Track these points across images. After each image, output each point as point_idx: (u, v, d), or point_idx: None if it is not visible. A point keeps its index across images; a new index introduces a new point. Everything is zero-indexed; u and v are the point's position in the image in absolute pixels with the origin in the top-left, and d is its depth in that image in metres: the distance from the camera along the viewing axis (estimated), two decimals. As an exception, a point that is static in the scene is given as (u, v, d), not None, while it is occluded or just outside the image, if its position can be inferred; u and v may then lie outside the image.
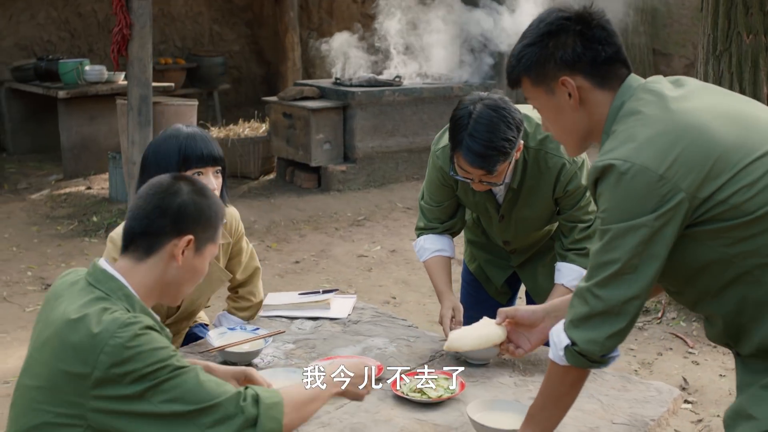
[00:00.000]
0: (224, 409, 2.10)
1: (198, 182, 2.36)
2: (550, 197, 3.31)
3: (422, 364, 3.14)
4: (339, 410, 2.80)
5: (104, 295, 2.16)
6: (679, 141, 2.07)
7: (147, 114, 7.73)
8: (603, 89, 2.22)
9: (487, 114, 3.00)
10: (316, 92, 9.28)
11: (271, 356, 3.22)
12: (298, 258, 7.26)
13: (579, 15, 2.22)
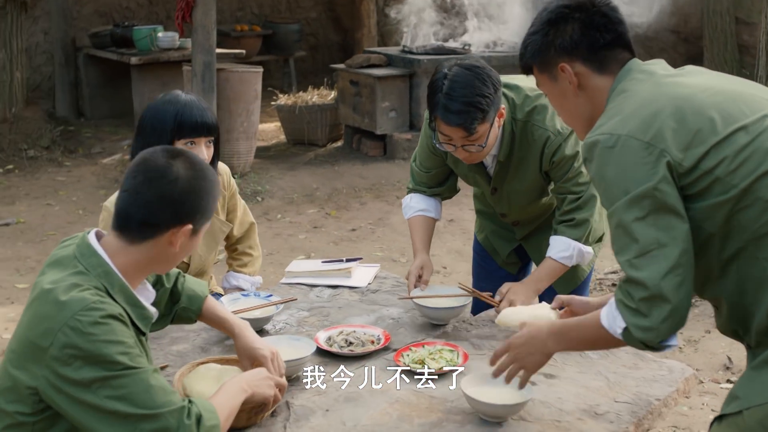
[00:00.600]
0: (165, 421, 2.08)
1: (195, 161, 2.27)
2: (537, 170, 3.25)
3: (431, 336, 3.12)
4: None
5: (83, 270, 2.15)
6: (664, 110, 2.07)
7: (210, 81, 7.81)
8: (603, 74, 2.27)
9: (462, 73, 2.98)
10: (383, 60, 9.24)
11: (284, 323, 3.23)
12: (355, 226, 7.27)
13: (579, 3, 2.27)
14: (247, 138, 8.39)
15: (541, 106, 3.16)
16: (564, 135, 3.17)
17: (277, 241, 6.92)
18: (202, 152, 3.22)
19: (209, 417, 2.17)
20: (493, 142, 3.12)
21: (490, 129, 3.04)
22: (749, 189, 2.02)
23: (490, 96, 2.97)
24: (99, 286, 2.14)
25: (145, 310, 2.23)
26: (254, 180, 8.33)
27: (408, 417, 2.57)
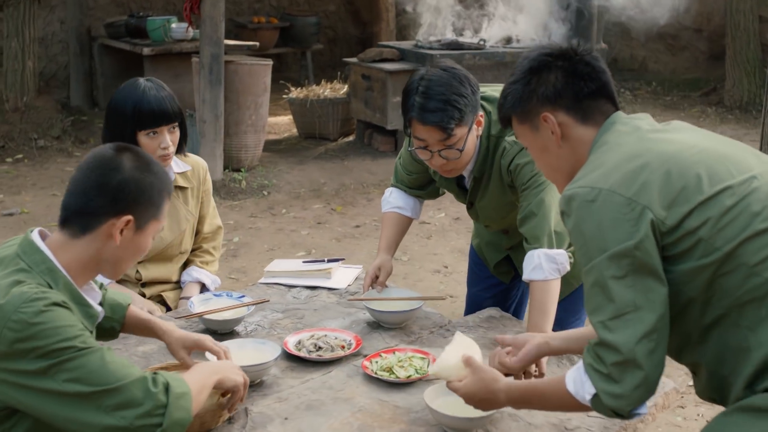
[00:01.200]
0: (129, 393, 2.02)
1: (143, 155, 2.24)
2: (503, 184, 3.11)
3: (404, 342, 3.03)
4: (302, 385, 2.72)
5: (26, 268, 2.09)
6: (648, 165, 1.98)
7: (218, 73, 7.74)
8: (586, 125, 2.18)
9: (438, 73, 2.90)
10: (396, 54, 9.13)
11: (255, 325, 3.15)
12: (360, 222, 7.19)
13: (562, 51, 2.20)
14: (255, 131, 8.31)
15: None
16: (521, 144, 2.93)
17: (279, 236, 6.85)
18: (165, 140, 3.27)
19: (177, 385, 2.10)
20: (471, 151, 2.99)
21: (468, 134, 2.92)
22: (733, 253, 1.92)
23: (467, 96, 2.88)
24: (42, 283, 2.08)
25: (90, 308, 2.17)
26: (261, 174, 8.26)
27: (369, 427, 2.48)
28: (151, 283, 3.54)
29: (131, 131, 3.26)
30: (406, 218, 3.51)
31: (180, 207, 3.53)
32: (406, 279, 5.98)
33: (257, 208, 7.54)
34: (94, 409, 2.01)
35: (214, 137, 7.80)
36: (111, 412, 2.01)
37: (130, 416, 2.02)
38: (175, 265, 3.61)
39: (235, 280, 5.88)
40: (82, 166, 2.19)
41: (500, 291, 3.61)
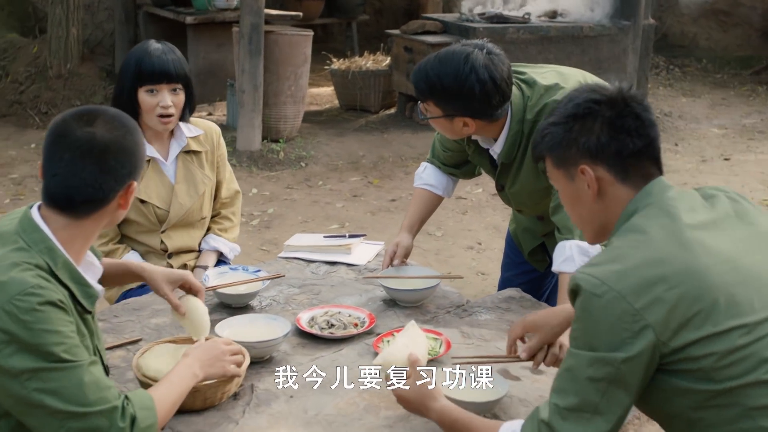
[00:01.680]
0: (95, 422, 1.98)
1: (110, 117, 2.12)
2: (537, 170, 3.00)
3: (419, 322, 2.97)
4: (312, 363, 2.67)
5: (25, 247, 2.04)
6: (666, 280, 1.84)
7: (258, 43, 7.71)
8: (625, 184, 2.02)
9: (456, 54, 2.82)
10: (439, 27, 9.02)
11: (271, 299, 3.12)
12: (396, 196, 7.13)
13: (611, 99, 2.02)
14: (294, 102, 8.27)
15: (553, 102, 2.90)
16: None
17: (313, 208, 6.82)
18: (165, 99, 3.31)
19: (145, 417, 2.07)
20: (443, 131, 3.02)
21: (440, 119, 2.91)
22: (731, 392, 1.83)
23: (449, 93, 2.82)
24: (41, 263, 2.03)
25: (89, 288, 2.12)
26: (300, 145, 8.23)
27: (375, 408, 2.44)
28: (177, 253, 3.52)
29: (131, 86, 3.30)
30: (436, 196, 3.46)
31: (196, 171, 3.51)
32: (438, 255, 5.93)
33: (294, 179, 7.52)
34: (57, 426, 1.97)
35: (252, 107, 7.78)
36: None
37: None
38: (198, 231, 3.59)
39: (266, 251, 5.87)
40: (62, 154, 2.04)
41: (534, 278, 3.54)
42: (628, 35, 9.27)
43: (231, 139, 8.05)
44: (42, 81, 9.19)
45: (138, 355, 2.49)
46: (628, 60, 9.35)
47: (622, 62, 9.32)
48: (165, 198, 3.44)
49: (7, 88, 9.24)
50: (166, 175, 3.47)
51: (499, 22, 8.89)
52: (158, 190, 3.43)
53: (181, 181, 3.47)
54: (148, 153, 3.39)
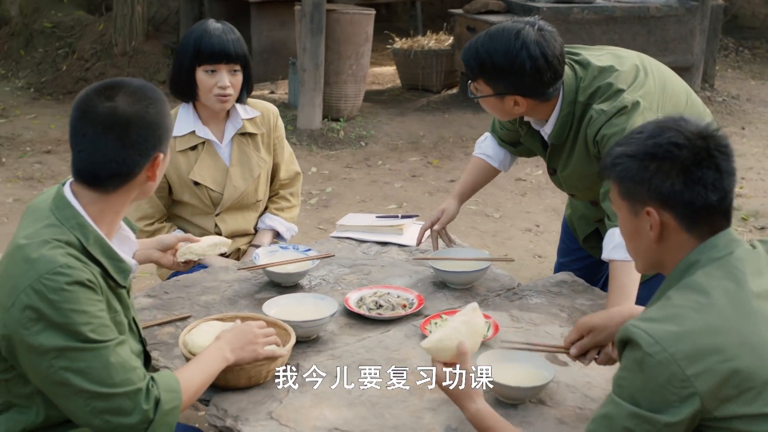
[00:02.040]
0: (120, 402, 2.00)
1: (132, 89, 2.11)
2: (588, 155, 2.92)
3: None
4: (358, 343, 2.68)
5: (56, 223, 2.06)
6: (722, 352, 1.77)
7: (319, 21, 7.70)
8: (691, 233, 1.93)
9: (507, 31, 2.75)
10: (503, 6, 8.93)
11: (320, 279, 3.12)
12: (455, 177, 7.09)
13: (693, 145, 1.89)
14: (355, 81, 8.26)
15: (606, 85, 2.83)
16: (609, 113, 2.81)
17: (372, 188, 6.81)
18: (223, 79, 3.28)
19: (169, 399, 2.09)
20: (493, 110, 2.95)
21: (490, 97, 2.85)
22: None
23: (500, 71, 2.75)
24: (72, 240, 2.04)
25: (122, 262, 2.13)
26: (360, 124, 8.22)
27: (420, 390, 2.43)
28: (231, 236, 3.50)
29: (190, 66, 3.29)
30: (491, 168, 3.43)
31: (251, 154, 3.49)
32: (496, 237, 5.89)
33: (353, 158, 7.52)
34: (81, 404, 2.00)
35: (313, 86, 7.79)
36: (97, 414, 2.00)
37: (115, 423, 2.01)
38: (253, 214, 3.59)
39: (323, 230, 5.87)
40: (85, 130, 2.06)
41: (589, 264, 3.47)
42: (695, 15, 9.08)
43: (292, 118, 8.07)
44: (107, 58, 9.31)
45: (185, 332, 2.50)
46: (695, 41, 9.16)
47: (689, 43, 9.13)
48: (219, 181, 3.43)
49: (73, 65, 9.37)
50: (221, 158, 3.45)
51: (563, 2, 8.76)
52: (212, 172, 3.43)
53: (236, 164, 3.46)
54: (203, 135, 3.39)
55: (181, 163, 3.38)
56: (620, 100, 2.81)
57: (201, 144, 3.40)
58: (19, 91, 9.17)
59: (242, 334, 2.37)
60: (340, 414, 2.31)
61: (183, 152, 3.38)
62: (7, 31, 10.37)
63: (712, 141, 1.90)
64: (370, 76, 9.77)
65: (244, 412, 2.32)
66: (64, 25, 9.96)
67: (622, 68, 2.88)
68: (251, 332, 2.38)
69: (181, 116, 3.40)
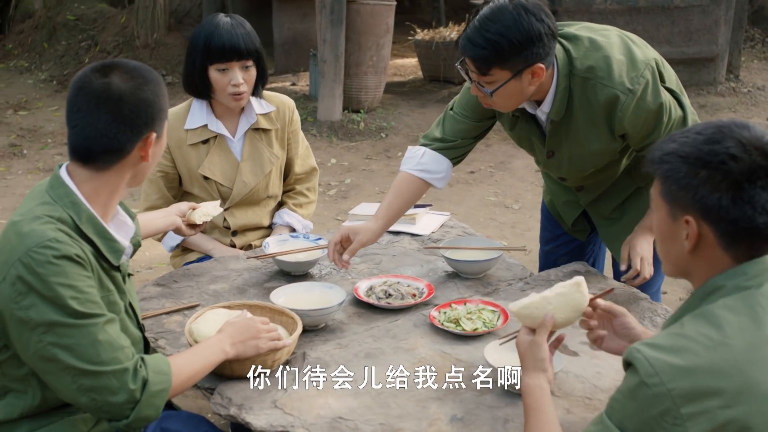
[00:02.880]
0: (107, 381, 2.00)
1: (129, 68, 2.13)
2: (605, 133, 2.83)
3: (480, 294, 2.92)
4: (366, 332, 2.66)
5: (51, 201, 2.08)
6: (726, 395, 1.67)
7: (339, 13, 7.68)
8: (727, 251, 1.80)
9: (505, 7, 2.59)
10: (524, -3, 8.86)
11: (331, 268, 3.10)
12: (475, 168, 7.06)
13: (752, 162, 1.75)
14: (376, 72, 8.24)
15: (604, 58, 2.74)
16: (636, 92, 2.73)
17: (390, 179, 6.76)
18: (236, 77, 3.21)
19: (158, 381, 2.08)
20: (510, 100, 2.74)
21: (509, 80, 2.65)
22: None
23: (518, 44, 2.58)
24: (65, 217, 2.05)
25: (114, 242, 2.13)
26: (381, 116, 8.20)
27: (426, 380, 2.39)
28: (241, 230, 3.50)
29: (202, 65, 3.24)
30: (426, 186, 3.16)
31: (263, 149, 3.45)
32: (515, 228, 5.85)
33: (373, 150, 7.50)
34: (69, 381, 2.00)
35: (333, 77, 7.77)
36: (84, 392, 2.00)
37: (101, 401, 2.01)
38: (264, 209, 3.55)
39: (341, 221, 5.86)
40: (80, 106, 2.08)
41: (574, 248, 3.43)
42: (720, 6, 8.98)
43: (312, 110, 8.07)
44: (129, 50, 9.34)
45: (191, 320, 2.49)
46: (720, 32, 9.06)
47: (714, 34, 9.03)
48: (229, 176, 3.41)
49: (95, 57, 9.41)
50: (232, 153, 3.42)
51: (586, -8, 8.71)
52: (222, 167, 3.40)
53: (247, 159, 3.43)
54: (215, 129, 3.36)
55: (192, 156, 3.36)
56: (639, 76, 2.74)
57: (213, 138, 3.37)
58: (41, 83, 9.22)
59: (245, 329, 2.36)
60: (345, 403, 2.29)
61: (194, 146, 3.36)
62: (30, 24, 10.43)
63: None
64: (392, 68, 9.76)
65: (248, 400, 2.31)
66: (87, 17, 10.01)
67: (609, 40, 2.80)
68: (254, 327, 2.37)
69: (194, 109, 3.37)
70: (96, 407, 2.02)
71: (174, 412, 2.44)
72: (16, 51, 10.10)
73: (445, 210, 3.68)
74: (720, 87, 9.29)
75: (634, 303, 2.84)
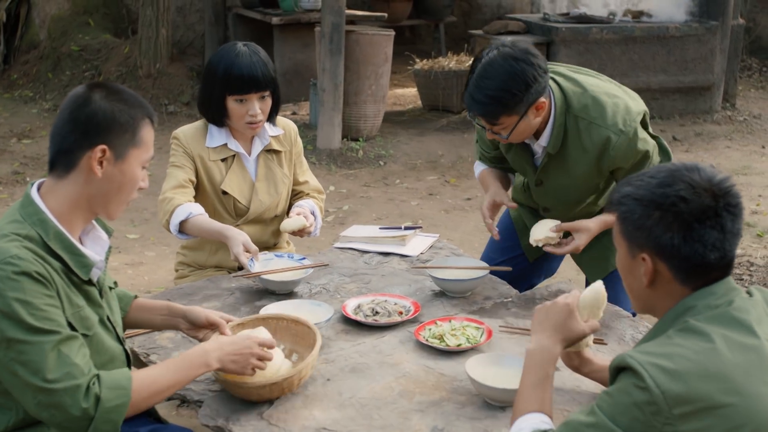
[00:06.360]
0: (59, 398, 2.04)
1: (114, 87, 2.22)
2: (593, 169, 3.07)
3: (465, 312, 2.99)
4: (352, 348, 2.72)
5: (20, 219, 2.14)
6: (716, 398, 1.77)
7: (338, 42, 7.79)
8: (684, 285, 1.92)
9: (496, 61, 2.86)
10: (522, 27, 8.99)
11: (321, 287, 3.17)
12: (472, 195, 7.13)
13: (701, 203, 1.87)
14: (375, 101, 8.33)
15: (598, 100, 3.01)
16: (629, 133, 3.00)
17: (388, 206, 6.87)
18: (254, 107, 3.29)
19: (113, 397, 2.10)
20: (524, 134, 3.01)
21: (519, 122, 2.93)
22: None
23: (518, 93, 2.85)
24: (33, 234, 2.11)
25: (83, 257, 2.18)
26: (379, 144, 8.29)
27: (410, 393, 2.47)
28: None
29: (220, 95, 3.31)
30: (506, 175, 3.48)
31: (276, 170, 3.54)
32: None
33: (371, 177, 7.58)
34: (30, 397, 2.05)
35: (333, 106, 7.87)
36: (44, 408, 2.05)
37: (59, 417, 2.06)
38: (269, 228, 3.61)
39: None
40: (60, 108, 2.20)
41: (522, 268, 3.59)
42: (715, 35, 9.09)
43: (312, 138, 8.15)
44: (132, 80, 9.45)
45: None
46: (716, 61, 9.17)
47: (710, 63, 9.14)
48: (246, 194, 3.48)
49: (99, 87, 9.51)
50: (248, 172, 3.50)
51: (582, 22, 8.81)
52: (240, 184, 3.47)
53: (262, 179, 3.51)
54: (234, 148, 3.45)
55: (214, 171, 3.44)
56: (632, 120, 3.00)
57: (231, 157, 3.46)
58: (45, 113, 9.32)
59: (238, 346, 2.34)
60: (329, 415, 2.36)
61: (215, 162, 3.44)
62: (35, 55, 10.56)
63: (722, 200, 1.87)
64: (392, 97, 9.85)
65: (235, 412, 2.38)
66: (91, 48, 10.13)
67: (605, 84, 3.09)
68: (248, 347, 2.35)
69: (212, 129, 3.45)
70: (56, 422, 2.07)
71: (161, 425, 2.49)
72: (21, 81, 10.21)
73: (441, 235, 3.75)
74: (716, 115, 9.37)
75: (616, 320, 2.90)
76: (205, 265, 3.57)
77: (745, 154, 8.36)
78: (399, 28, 10.11)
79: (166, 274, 5.42)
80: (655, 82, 8.99)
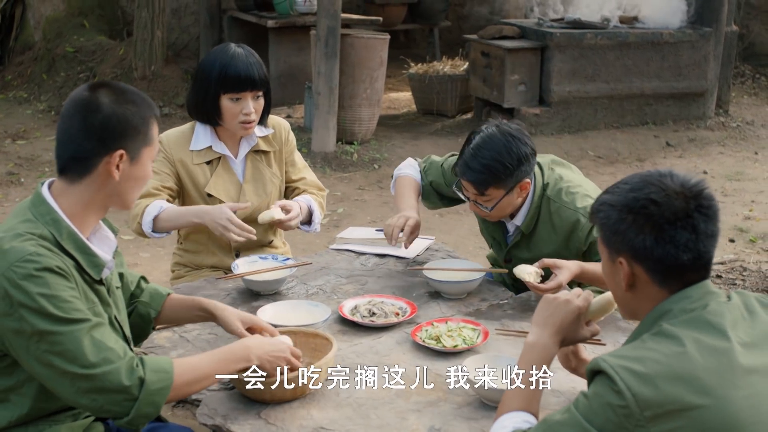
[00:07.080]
0: (102, 382, 2.07)
1: (117, 87, 2.23)
2: (561, 249, 3.17)
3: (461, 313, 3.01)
4: (349, 349, 2.74)
5: (32, 218, 2.15)
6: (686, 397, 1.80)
7: (334, 46, 7.81)
8: (661, 287, 1.97)
9: (495, 136, 3.03)
10: (516, 32, 9.01)
11: (317, 288, 3.19)
12: (466, 199, 7.15)
13: (671, 205, 1.92)
14: (369, 105, 8.35)
15: (572, 187, 3.17)
16: None
17: (382, 209, 6.88)
18: (248, 106, 3.30)
19: (156, 379, 2.13)
20: (505, 211, 3.14)
21: (504, 197, 3.06)
22: None
23: (510, 167, 3.00)
24: (46, 234, 2.13)
25: (95, 257, 2.20)
26: (374, 147, 8.31)
27: (406, 393, 2.48)
28: (244, 249, 3.58)
29: (215, 93, 3.32)
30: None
31: (264, 170, 3.55)
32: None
33: (366, 181, 7.59)
34: (68, 385, 2.07)
35: (328, 109, 7.89)
36: (83, 394, 2.08)
37: (100, 400, 2.09)
38: (261, 227, 3.58)
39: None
40: (64, 113, 2.19)
41: None
42: (709, 42, 9.14)
43: (307, 141, 8.17)
44: (127, 82, 9.31)
45: None
46: (709, 67, 9.21)
47: (703, 69, 9.18)
48: (233, 196, 3.49)
49: (93, 88, 9.52)
50: (235, 174, 3.52)
51: (576, 27, 8.85)
52: (226, 187, 3.49)
53: (250, 180, 3.52)
54: (219, 150, 3.45)
55: (198, 174, 3.45)
56: None
57: (216, 159, 3.47)
58: (40, 114, 9.33)
59: (276, 348, 2.38)
60: (327, 414, 2.37)
61: (199, 165, 3.45)
62: (30, 56, 10.56)
63: (693, 201, 1.92)
64: (387, 101, 9.87)
65: (233, 411, 2.39)
66: (86, 49, 10.13)
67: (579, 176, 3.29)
68: (284, 352, 2.39)
69: (198, 132, 3.46)
70: (97, 407, 2.10)
71: (161, 423, 2.51)
72: (15, 82, 10.22)
73: (435, 238, 3.78)
74: (709, 121, 9.40)
75: (610, 322, 2.92)
76: (202, 265, 3.59)
77: (738, 160, 8.40)
78: (394, 32, 10.14)
79: (161, 275, 5.42)
80: (649, 87, 9.02)
